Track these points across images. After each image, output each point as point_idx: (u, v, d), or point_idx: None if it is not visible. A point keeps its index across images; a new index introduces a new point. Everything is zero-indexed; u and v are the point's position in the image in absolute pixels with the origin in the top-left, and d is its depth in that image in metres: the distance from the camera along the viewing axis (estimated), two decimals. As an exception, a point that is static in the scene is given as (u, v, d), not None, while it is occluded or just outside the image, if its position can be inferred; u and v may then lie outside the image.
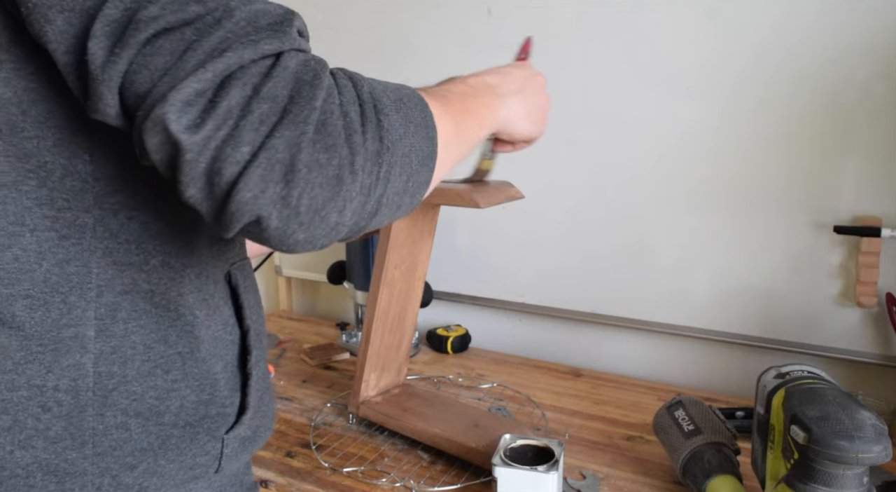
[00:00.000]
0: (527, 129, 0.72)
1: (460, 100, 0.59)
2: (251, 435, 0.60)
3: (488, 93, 0.66)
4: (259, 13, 0.43)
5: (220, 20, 0.41)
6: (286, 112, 0.41)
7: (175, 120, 0.39)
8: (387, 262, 0.95)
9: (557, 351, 1.36)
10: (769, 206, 1.11)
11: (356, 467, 0.93)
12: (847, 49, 1.02)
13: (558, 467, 0.79)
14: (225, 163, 0.39)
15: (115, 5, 0.40)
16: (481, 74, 0.69)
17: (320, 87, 0.42)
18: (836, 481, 0.65)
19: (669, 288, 1.21)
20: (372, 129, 0.45)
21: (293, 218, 0.41)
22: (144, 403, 0.51)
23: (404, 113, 0.48)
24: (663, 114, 1.16)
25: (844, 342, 1.10)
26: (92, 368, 0.49)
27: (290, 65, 0.42)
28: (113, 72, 0.40)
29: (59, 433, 0.48)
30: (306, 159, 0.40)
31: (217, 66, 0.40)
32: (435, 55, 1.34)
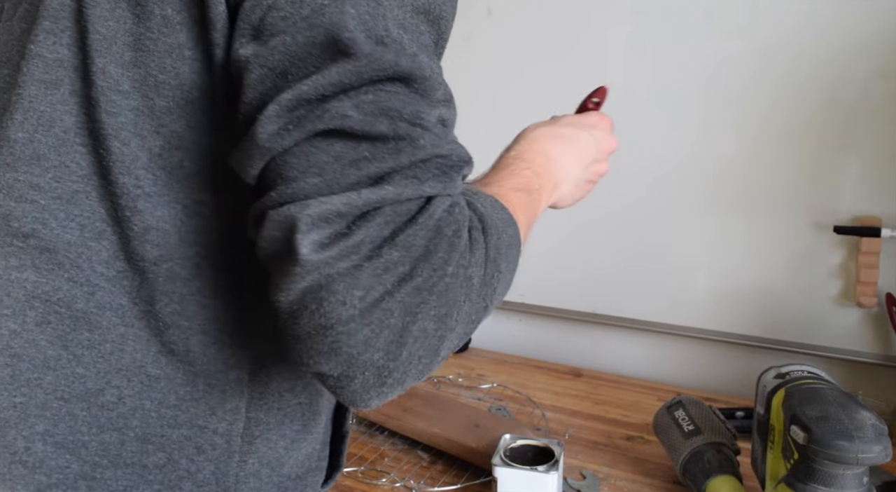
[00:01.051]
0: (567, 203, 0.70)
1: (530, 206, 0.59)
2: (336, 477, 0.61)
3: (548, 178, 0.63)
4: (441, 157, 0.41)
5: (401, 151, 0.39)
6: (415, 270, 0.38)
7: (304, 231, 0.37)
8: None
9: (557, 351, 1.36)
10: (769, 206, 1.11)
11: (356, 467, 0.93)
12: (847, 49, 1.02)
13: (558, 467, 0.79)
14: (331, 296, 0.37)
15: (310, 84, 0.38)
16: (543, 149, 0.65)
17: (456, 248, 0.40)
18: (836, 481, 0.65)
19: (669, 288, 1.21)
20: (486, 295, 0.44)
21: (376, 388, 0.39)
22: (276, 452, 0.50)
23: (509, 266, 0.48)
24: (663, 114, 1.16)
25: (844, 342, 1.10)
26: (245, 412, 0.48)
27: (437, 213, 0.40)
28: (274, 144, 0.39)
29: (207, 477, 0.47)
30: (417, 331, 0.38)
31: (371, 196, 0.38)
32: (435, 55, 1.34)
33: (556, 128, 0.68)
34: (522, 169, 0.61)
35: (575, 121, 0.71)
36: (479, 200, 0.48)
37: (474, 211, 0.45)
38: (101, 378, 0.45)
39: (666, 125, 1.16)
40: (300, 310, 0.37)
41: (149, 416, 0.45)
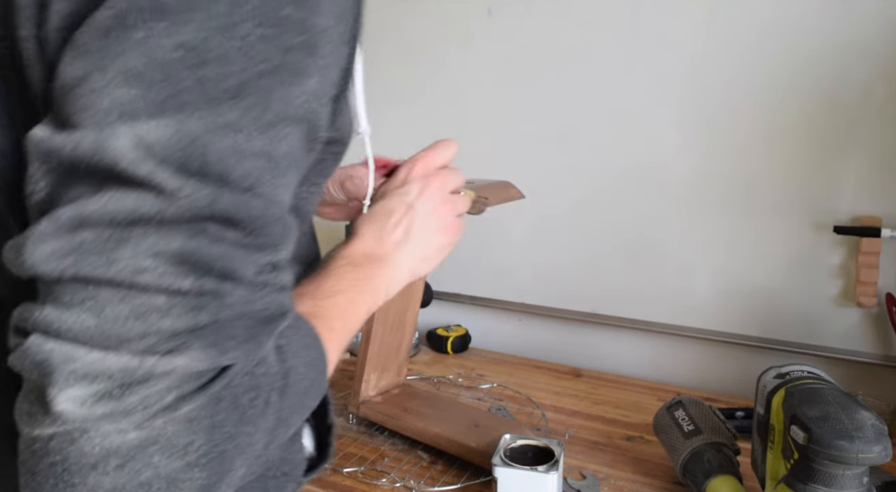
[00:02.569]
0: (427, 269, 0.64)
1: (352, 307, 0.54)
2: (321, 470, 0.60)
3: (375, 264, 0.59)
4: (251, 315, 0.36)
5: (202, 309, 0.34)
6: (191, 446, 0.33)
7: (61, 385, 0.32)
8: (387, 262, 0.95)
9: (557, 351, 1.36)
10: (769, 206, 1.11)
11: (356, 468, 0.93)
12: (847, 49, 1.02)
13: (558, 467, 0.79)
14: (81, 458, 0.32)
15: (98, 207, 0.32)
16: (362, 238, 0.61)
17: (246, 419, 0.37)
18: (836, 481, 0.65)
19: (670, 288, 1.21)
20: (270, 447, 0.40)
21: None
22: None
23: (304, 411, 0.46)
24: (662, 114, 1.16)
25: (844, 342, 1.10)
26: None
27: (234, 380, 0.36)
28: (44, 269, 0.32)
29: None
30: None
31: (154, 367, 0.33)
32: (435, 55, 1.34)
33: (368, 215, 0.64)
34: (344, 270, 0.57)
35: (384, 192, 0.66)
36: (294, 342, 0.43)
37: (282, 363, 0.41)
38: None
39: (666, 125, 1.16)
40: (41, 452, 0.32)
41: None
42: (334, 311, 0.52)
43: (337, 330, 0.51)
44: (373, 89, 1.57)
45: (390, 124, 1.41)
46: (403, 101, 1.40)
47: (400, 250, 0.61)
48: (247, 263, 0.36)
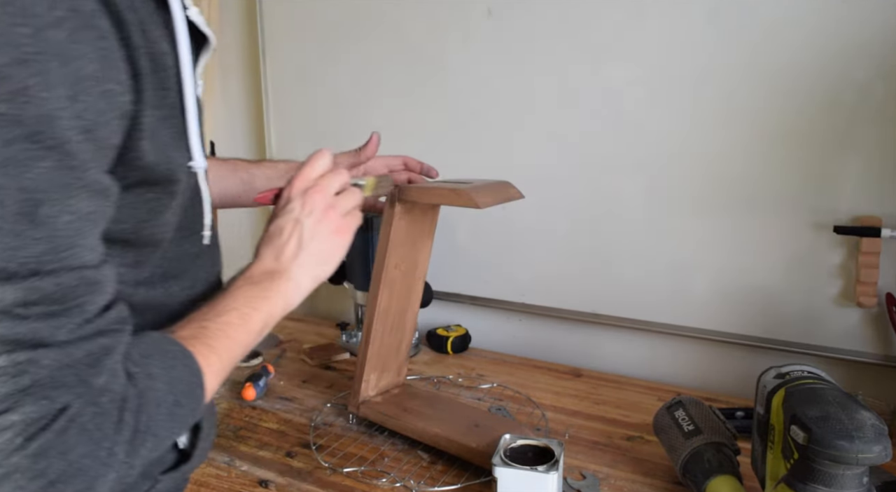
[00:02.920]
0: (326, 272, 0.70)
1: (242, 322, 0.60)
2: (184, 477, 0.64)
3: (272, 279, 0.65)
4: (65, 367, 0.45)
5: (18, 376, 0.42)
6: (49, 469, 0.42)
7: None
8: (387, 261, 0.95)
9: (557, 351, 1.36)
10: (769, 206, 1.11)
11: (356, 468, 0.93)
12: (847, 49, 1.02)
13: (558, 467, 0.79)
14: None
15: None
16: (260, 259, 0.67)
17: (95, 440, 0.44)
18: (836, 482, 0.65)
19: (670, 288, 1.21)
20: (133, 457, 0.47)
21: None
22: None
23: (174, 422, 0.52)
24: (663, 114, 1.16)
25: (844, 342, 1.10)
26: None
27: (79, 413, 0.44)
28: None
29: None
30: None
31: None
32: (435, 55, 1.34)
33: (263, 239, 0.70)
34: (239, 288, 0.63)
35: (274, 214, 0.71)
36: (151, 367, 0.51)
37: (134, 387, 0.48)
38: None
39: (666, 125, 1.16)
40: None
41: None
42: (220, 329, 0.58)
43: (217, 348, 0.57)
44: (373, 89, 1.58)
45: (390, 124, 1.41)
46: (403, 101, 1.40)
47: (296, 261, 0.67)
48: (55, 328, 0.43)
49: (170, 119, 0.52)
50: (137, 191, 0.51)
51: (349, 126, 1.46)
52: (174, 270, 0.61)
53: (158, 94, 0.50)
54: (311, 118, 1.52)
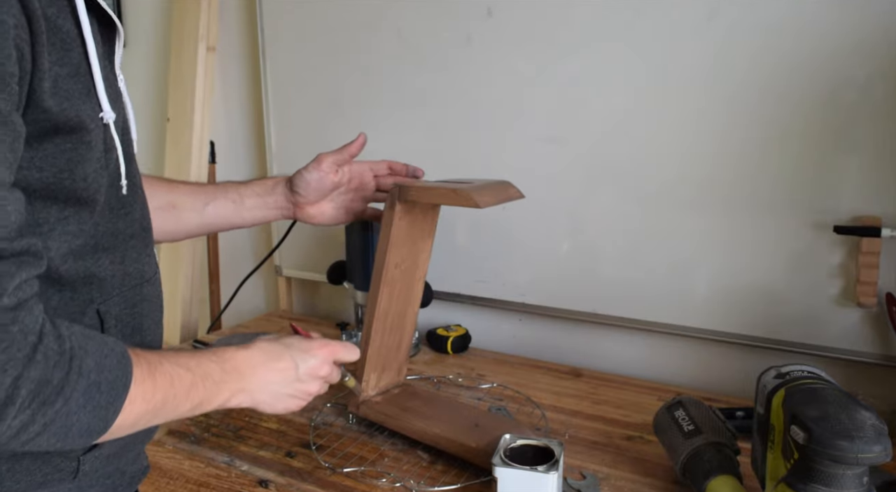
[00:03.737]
0: (263, 408, 0.75)
1: (188, 384, 0.62)
2: (117, 451, 0.65)
3: (236, 380, 0.70)
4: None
5: None
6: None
7: None
8: (387, 261, 0.95)
9: (557, 351, 1.36)
10: (769, 206, 1.11)
11: (356, 468, 0.93)
12: (847, 49, 1.02)
13: (558, 467, 0.79)
14: None
15: None
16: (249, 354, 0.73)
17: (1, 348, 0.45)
18: (836, 481, 0.65)
19: (669, 288, 1.21)
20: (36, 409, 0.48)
21: None
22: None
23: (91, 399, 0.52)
24: (663, 114, 1.16)
25: (844, 342, 1.10)
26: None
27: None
28: None
29: None
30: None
31: None
32: (435, 55, 1.34)
33: (268, 343, 0.77)
34: (209, 360, 0.67)
35: (293, 343, 0.79)
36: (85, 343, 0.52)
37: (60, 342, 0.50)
38: None
39: (666, 125, 1.16)
40: None
41: None
42: (169, 373, 0.60)
43: (158, 383, 0.59)
44: (373, 90, 1.58)
45: (391, 124, 1.41)
46: (403, 101, 1.40)
47: (264, 386, 0.73)
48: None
49: (77, 77, 0.55)
50: (54, 140, 0.53)
51: (349, 127, 1.46)
52: (105, 243, 0.62)
53: (57, 49, 0.52)
54: (311, 119, 1.52)
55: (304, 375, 0.77)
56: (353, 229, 1.32)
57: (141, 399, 0.56)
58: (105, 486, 0.65)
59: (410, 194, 0.91)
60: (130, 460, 0.69)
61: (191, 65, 1.62)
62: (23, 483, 0.58)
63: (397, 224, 0.94)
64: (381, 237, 0.95)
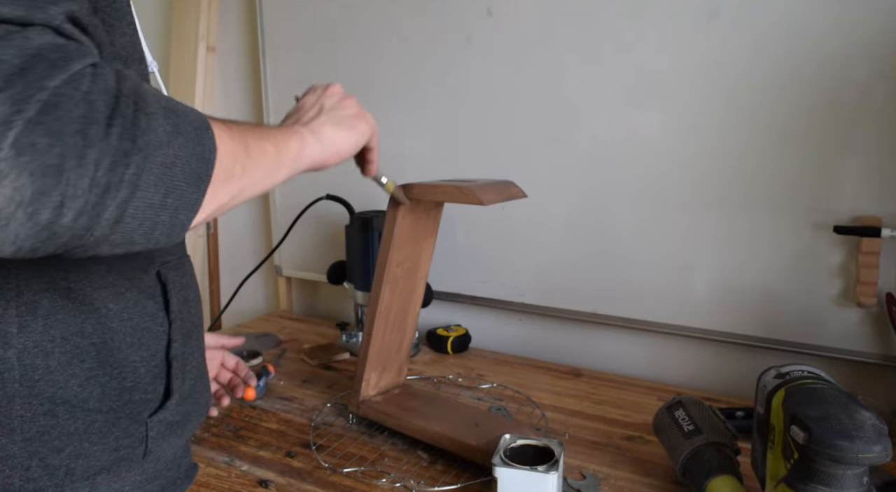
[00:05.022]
0: (347, 137, 0.71)
1: (253, 130, 0.58)
2: (180, 420, 0.63)
3: (290, 129, 0.66)
4: None
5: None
6: (7, 84, 0.36)
7: None
8: (389, 259, 0.95)
9: (557, 351, 1.36)
10: (769, 206, 1.11)
11: (356, 467, 0.93)
12: (847, 49, 1.02)
13: (558, 467, 0.79)
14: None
15: None
16: (281, 124, 0.69)
17: (62, 69, 0.38)
18: (836, 481, 0.65)
19: (669, 288, 1.21)
20: (122, 124, 0.40)
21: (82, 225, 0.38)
22: (69, 390, 0.53)
23: (174, 121, 0.44)
24: (663, 114, 1.16)
25: (844, 342, 1.10)
26: (17, 361, 0.51)
27: (36, 39, 0.38)
28: None
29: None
30: (16, 141, 0.35)
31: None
32: (435, 55, 1.34)
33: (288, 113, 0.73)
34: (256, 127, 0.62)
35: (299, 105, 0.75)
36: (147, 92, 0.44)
37: (118, 69, 0.42)
38: None
39: (666, 125, 1.16)
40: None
41: None
42: (240, 124, 0.55)
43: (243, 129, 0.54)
44: (373, 90, 1.58)
45: (391, 124, 1.41)
46: (403, 101, 1.40)
47: (316, 120, 0.69)
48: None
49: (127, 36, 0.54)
50: None
51: (349, 126, 1.46)
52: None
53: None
54: (312, 118, 1.52)
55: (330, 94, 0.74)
56: (353, 229, 1.33)
57: (225, 137, 0.50)
58: (166, 479, 0.64)
59: (414, 192, 0.91)
60: (184, 450, 0.68)
61: (191, 65, 1.62)
62: (92, 459, 0.55)
63: (400, 223, 0.94)
64: (383, 236, 0.95)
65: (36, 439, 0.52)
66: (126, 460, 0.58)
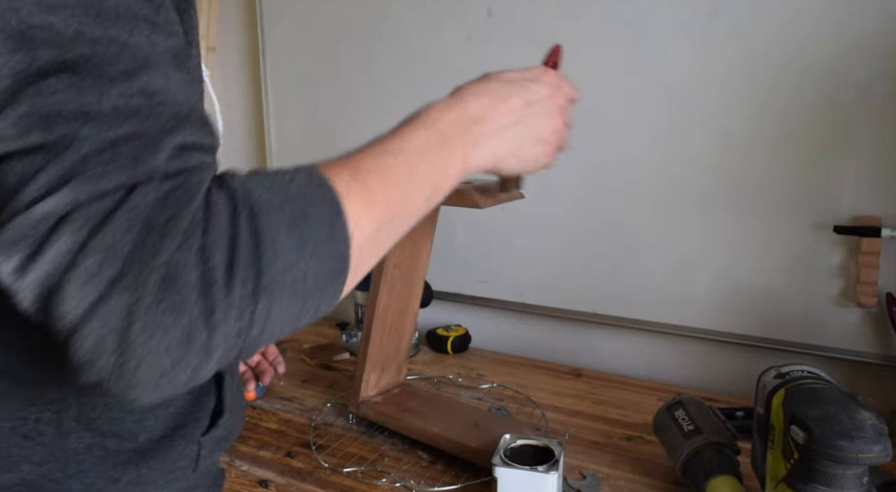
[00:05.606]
0: (516, 166, 0.62)
1: (407, 169, 0.50)
2: (225, 434, 0.62)
3: (461, 136, 0.56)
4: (114, 142, 0.37)
5: (60, 154, 0.36)
6: (125, 269, 0.36)
7: (3, 261, 0.36)
8: (387, 261, 0.95)
9: (557, 351, 1.36)
10: (769, 206, 1.11)
11: (356, 467, 0.93)
12: (847, 49, 1.02)
13: (558, 467, 0.79)
14: (54, 314, 0.36)
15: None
16: (472, 96, 0.59)
17: (171, 235, 0.37)
18: (836, 481, 0.65)
19: (669, 288, 1.21)
20: (244, 268, 0.38)
21: (132, 387, 0.37)
22: (124, 426, 0.52)
23: (300, 233, 0.41)
24: (662, 114, 1.16)
25: (844, 342, 1.10)
26: (74, 400, 0.50)
27: (141, 202, 0.37)
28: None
29: (43, 458, 0.50)
30: (143, 326, 0.36)
31: (43, 208, 0.35)
32: (435, 55, 1.34)
33: (481, 84, 0.61)
34: (415, 130, 0.55)
35: (509, 76, 0.64)
36: (253, 181, 0.42)
37: (231, 181, 0.41)
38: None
39: (666, 125, 1.16)
40: (53, 331, 0.37)
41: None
42: (375, 166, 0.48)
43: (390, 180, 0.47)
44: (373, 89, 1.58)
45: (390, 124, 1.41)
46: (403, 102, 1.39)
47: (498, 134, 0.58)
48: (101, 95, 0.37)
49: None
50: None
51: (349, 127, 1.46)
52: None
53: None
54: (311, 119, 1.52)
55: (540, 109, 0.63)
56: (353, 229, 1.32)
57: (363, 209, 0.45)
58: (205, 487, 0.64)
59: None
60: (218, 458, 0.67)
61: (191, 65, 1.62)
62: (149, 485, 0.54)
63: (397, 224, 0.94)
64: (381, 237, 0.95)
65: (91, 470, 0.51)
66: (178, 479, 0.57)
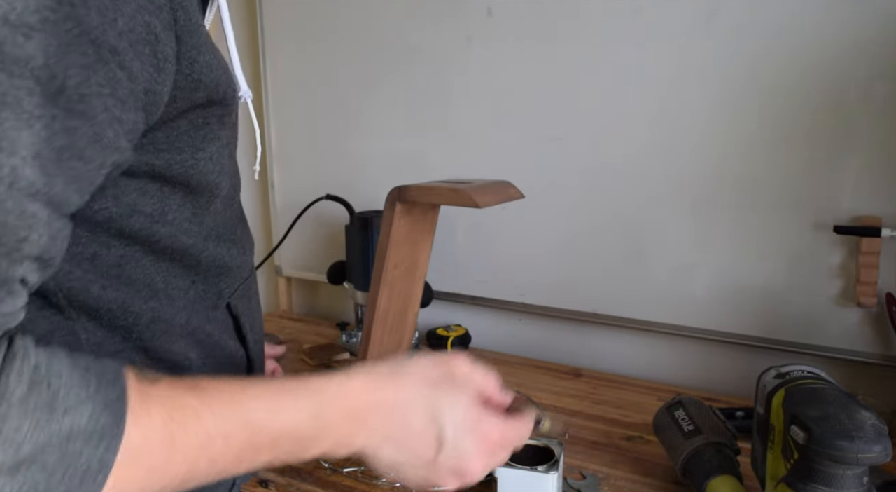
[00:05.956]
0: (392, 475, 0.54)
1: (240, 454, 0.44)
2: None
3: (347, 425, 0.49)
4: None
5: None
6: None
7: None
8: (387, 261, 0.95)
9: (557, 351, 1.36)
10: (769, 206, 1.11)
11: (356, 467, 0.93)
12: (847, 49, 1.02)
13: (558, 467, 0.79)
14: None
15: None
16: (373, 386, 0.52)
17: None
18: (836, 482, 0.65)
19: (669, 288, 1.21)
20: None
21: None
22: None
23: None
24: (663, 114, 1.16)
25: (844, 342, 1.10)
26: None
27: None
28: None
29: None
30: None
31: None
32: (435, 55, 1.34)
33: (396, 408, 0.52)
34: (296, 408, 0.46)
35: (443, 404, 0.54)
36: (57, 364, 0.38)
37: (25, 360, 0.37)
38: None
39: (666, 125, 1.16)
40: None
41: None
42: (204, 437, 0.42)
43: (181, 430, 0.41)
44: (373, 90, 1.58)
45: (390, 125, 1.41)
46: (403, 101, 1.40)
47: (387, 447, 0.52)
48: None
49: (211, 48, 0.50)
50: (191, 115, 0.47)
51: (349, 127, 1.46)
52: (227, 234, 0.57)
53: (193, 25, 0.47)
54: (311, 119, 1.52)
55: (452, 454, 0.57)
56: (353, 229, 1.33)
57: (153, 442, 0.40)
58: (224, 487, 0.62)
59: (410, 194, 0.91)
60: None
61: (191, 65, 1.62)
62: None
63: (397, 224, 0.94)
64: (380, 237, 0.95)
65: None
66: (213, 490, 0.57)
